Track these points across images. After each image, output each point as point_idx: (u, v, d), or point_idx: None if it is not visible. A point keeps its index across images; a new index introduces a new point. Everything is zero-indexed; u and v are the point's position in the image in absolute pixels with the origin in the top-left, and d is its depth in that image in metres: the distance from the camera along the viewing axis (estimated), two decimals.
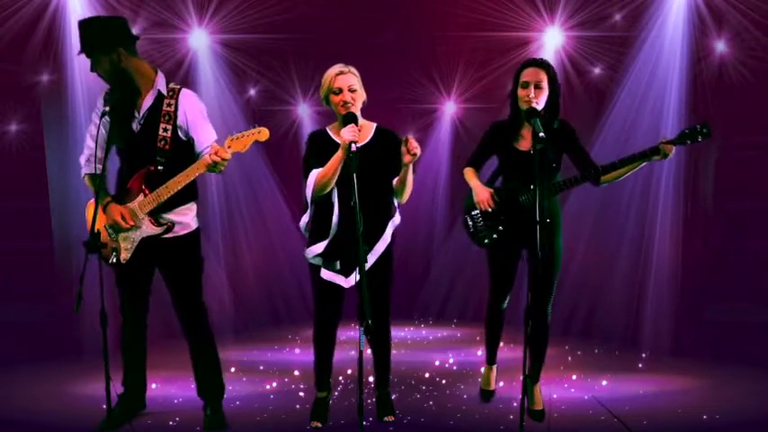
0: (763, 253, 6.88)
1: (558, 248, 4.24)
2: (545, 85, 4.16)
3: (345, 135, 3.88)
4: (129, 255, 4.09)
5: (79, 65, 6.67)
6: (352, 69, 4.13)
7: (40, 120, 6.93)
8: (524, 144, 4.26)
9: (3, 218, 6.93)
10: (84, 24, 4.04)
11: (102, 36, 4.00)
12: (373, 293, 4.08)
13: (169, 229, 4.09)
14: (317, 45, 7.78)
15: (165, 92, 4.08)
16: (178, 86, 4.13)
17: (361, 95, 4.13)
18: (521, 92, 4.16)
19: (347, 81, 4.08)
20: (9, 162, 6.92)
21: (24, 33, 6.48)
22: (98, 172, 4.04)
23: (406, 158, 3.93)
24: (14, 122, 6.97)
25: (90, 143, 4.14)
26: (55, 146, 6.88)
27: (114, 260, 4.09)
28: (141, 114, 4.07)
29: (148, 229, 4.08)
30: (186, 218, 4.15)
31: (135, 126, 4.08)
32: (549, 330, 4.31)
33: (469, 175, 4.39)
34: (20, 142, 6.98)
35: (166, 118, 4.04)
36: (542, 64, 4.21)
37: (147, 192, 4.03)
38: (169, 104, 4.05)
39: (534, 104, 4.10)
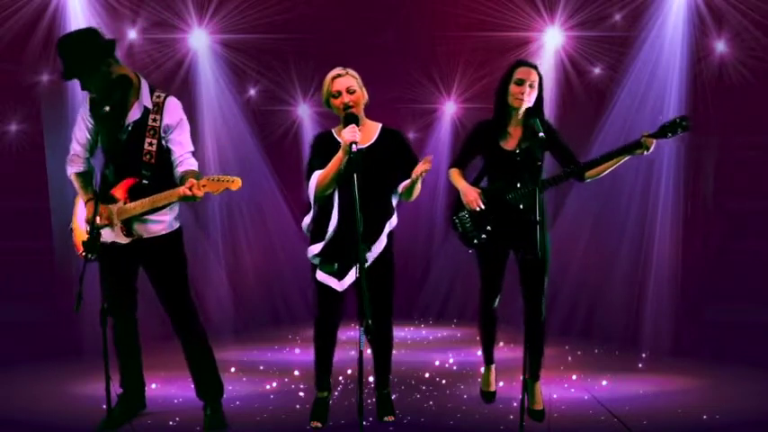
0: (763, 253, 6.88)
1: (546, 247, 4.24)
2: (536, 85, 4.20)
3: (345, 136, 3.89)
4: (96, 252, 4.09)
5: None
6: (351, 71, 4.13)
7: (40, 120, 6.94)
8: (511, 143, 4.27)
9: (3, 218, 6.94)
10: (66, 44, 3.98)
11: (91, 51, 3.93)
12: (373, 294, 4.09)
13: (137, 241, 4.08)
14: (317, 45, 7.78)
15: (150, 105, 4.06)
16: (163, 95, 4.10)
17: (361, 96, 4.12)
18: (515, 88, 4.18)
19: (345, 83, 4.08)
20: (9, 162, 6.92)
21: (24, 33, 6.48)
22: (86, 169, 4.08)
23: (413, 175, 3.95)
24: (14, 122, 6.98)
25: (75, 145, 4.14)
26: (55, 146, 6.87)
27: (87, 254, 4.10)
28: (127, 125, 4.06)
29: (118, 236, 4.08)
30: (166, 217, 4.13)
31: (120, 136, 4.07)
32: (546, 328, 4.31)
33: (455, 176, 4.39)
34: (20, 142, 6.98)
35: (152, 132, 4.03)
36: (534, 66, 4.29)
37: (127, 201, 4.04)
38: (155, 119, 4.04)
39: (526, 102, 4.15)
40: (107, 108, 3.98)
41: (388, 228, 4.19)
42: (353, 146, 3.84)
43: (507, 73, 4.26)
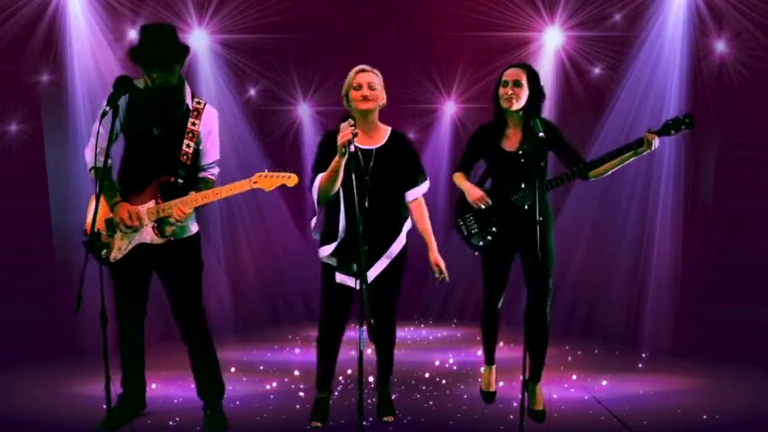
0: (763, 253, 6.88)
1: (551, 247, 4.24)
2: (524, 82, 4.19)
3: (339, 138, 3.89)
4: (120, 255, 4.07)
5: (79, 65, 6.68)
6: (376, 71, 4.18)
7: (40, 120, 6.93)
8: (510, 144, 4.27)
9: (3, 218, 6.93)
10: (162, 32, 3.99)
11: (179, 45, 4.01)
12: (383, 293, 4.14)
13: (169, 242, 4.09)
14: (317, 45, 7.78)
15: (191, 106, 4.11)
16: (203, 102, 4.17)
17: (380, 96, 4.16)
18: (501, 90, 4.21)
19: (368, 78, 4.13)
20: (9, 162, 6.92)
21: (24, 33, 6.48)
22: (105, 165, 3.94)
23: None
24: (14, 122, 6.97)
25: (103, 132, 3.98)
26: (55, 146, 6.87)
27: (104, 255, 4.07)
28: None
29: (148, 236, 4.07)
30: (186, 222, 4.14)
31: (154, 130, 4.07)
32: (549, 331, 4.31)
33: (460, 178, 4.40)
34: (20, 142, 6.97)
35: (190, 135, 4.08)
36: (522, 65, 4.29)
37: (159, 200, 4.03)
38: (194, 123, 4.09)
39: (514, 101, 4.15)
40: (114, 106, 3.91)
41: (405, 227, 4.22)
42: (350, 146, 3.84)
43: (498, 78, 4.29)
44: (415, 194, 4.27)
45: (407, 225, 4.28)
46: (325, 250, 4.14)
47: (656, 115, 6.96)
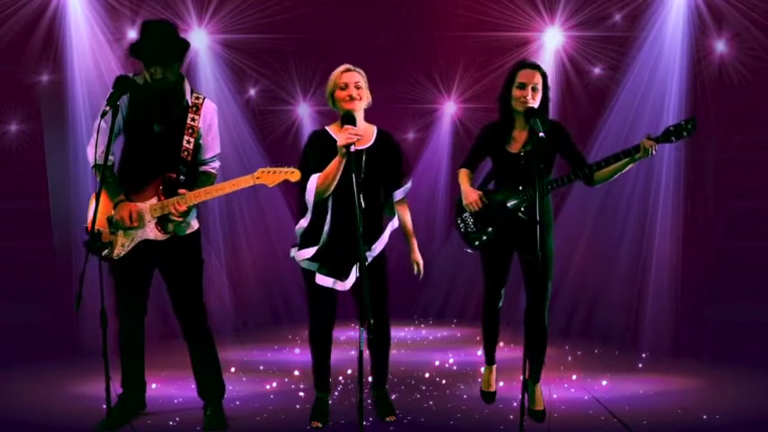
0: (763, 253, 6.87)
1: (550, 249, 4.23)
2: (540, 87, 4.17)
3: (341, 140, 3.89)
4: (124, 252, 4.08)
5: (79, 65, 6.68)
6: (359, 70, 4.20)
7: (40, 120, 6.93)
8: (515, 146, 4.26)
9: (3, 218, 6.93)
10: (162, 28, 4.00)
11: (178, 41, 4.02)
12: (372, 293, 4.11)
13: (171, 238, 4.09)
14: (317, 45, 7.79)
15: (190, 101, 4.11)
16: (202, 97, 4.18)
17: (366, 95, 4.17)
18: (517, 92, 4.17)
19: (353, 77, 4.14)
20: (9, 162, 6.92)
21: (24, 33, 6.48)
22: (105, 163, 3.96)
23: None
24: (14, 122, 6.97)
25: (104, 128, 3.99)
26: (55, 146, 6.87)
27: (106, 253, 4.08)
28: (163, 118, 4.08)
29: (152, 233, 4.07)
30: (188, 218, 4.15)
31: (154, 127, 4.07)
32: (548, 331, 4.30)
33: (462, 177, 4.39)
34: (20, 142, 6.98)
35: (190, 131, 4.09)
36: (537, 66, 4.24)
37: (162, 198, 4.03)
38: (193, 119, 4.10)
39: (531, 104, 4.13)
40: (115, 105, 3.92)
41: (390, 228, 4.22)
42: (352, 147, 3.85)
43: (509, 76, 4.23)
44: (401, 194, 4.31)
45: (392, 224, 4.27)
46: (304, 254, 4.13)
47: (656, 115, 6.96)
